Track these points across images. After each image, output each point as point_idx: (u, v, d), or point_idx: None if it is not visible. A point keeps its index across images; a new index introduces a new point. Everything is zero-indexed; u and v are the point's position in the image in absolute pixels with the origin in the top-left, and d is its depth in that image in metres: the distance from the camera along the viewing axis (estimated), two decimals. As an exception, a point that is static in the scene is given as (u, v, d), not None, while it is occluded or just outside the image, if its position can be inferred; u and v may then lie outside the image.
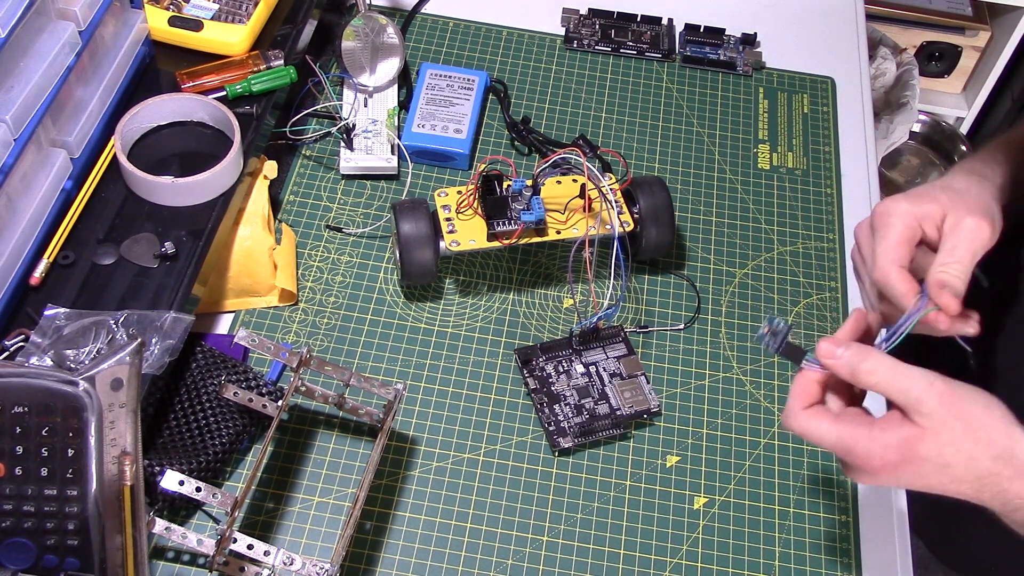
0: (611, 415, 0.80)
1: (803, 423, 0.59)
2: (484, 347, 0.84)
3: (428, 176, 0.95)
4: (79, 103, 0.79)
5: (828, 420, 0.59)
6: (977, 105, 1.95)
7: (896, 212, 0.64)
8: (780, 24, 1.13)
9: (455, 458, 0.78)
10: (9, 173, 0.70)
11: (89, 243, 0.77)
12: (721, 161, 1.00)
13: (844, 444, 0.58)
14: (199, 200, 0.80)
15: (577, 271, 0.88)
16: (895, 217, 0.63)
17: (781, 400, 0.83)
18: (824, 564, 0.75)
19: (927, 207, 0.63)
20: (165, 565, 0.71)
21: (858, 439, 0.57)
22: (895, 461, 0.56)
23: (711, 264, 0.92)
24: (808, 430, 0.59)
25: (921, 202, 0.64)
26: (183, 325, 0.72)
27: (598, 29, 1.09)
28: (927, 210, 0.63)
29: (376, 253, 0.89)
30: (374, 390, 0.72)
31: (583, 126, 1.01)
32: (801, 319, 0.88)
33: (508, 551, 0.74)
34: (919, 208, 0.63)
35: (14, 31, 0.68)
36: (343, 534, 0.67)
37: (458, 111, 0.97)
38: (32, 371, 0.62)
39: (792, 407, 0.60)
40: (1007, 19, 1.84)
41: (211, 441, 0.73)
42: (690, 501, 0.77)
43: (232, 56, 0.90)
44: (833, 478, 0.79)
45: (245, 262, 0.83)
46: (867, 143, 1.03)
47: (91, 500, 0.61)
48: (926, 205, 0.63)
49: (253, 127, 0.86)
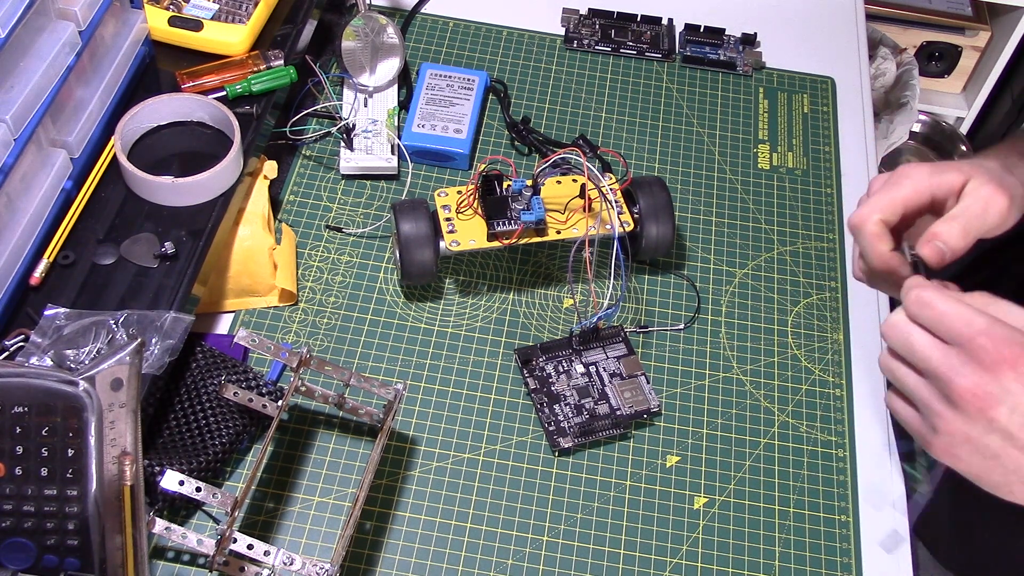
0: (611, 415, 0.80)
1: (925, 293, 0.55)
2: (484, 347, 0.84)
3: (428, 176, 0.95)
4: (79, 103, 0.79)
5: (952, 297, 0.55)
6: (977, 105, 1.95)
7: (911, 175, 0.63)
8: (780, 24, 1.13)
9: (455, 458, 0.78)
10: (9, 173, 0.70)
11: (89, 243, 0.77)
12: (721, 161, 1.00)
13: (970, 326, 0.53)
14: (199, 200, 0.80)
15: (577, 271, 0.88)
16: (908, 179, 0.63)
17: (781, 400, 0.83)
18: (824, 564, 0.75)
19: (948, 176, 0.63)
20: (165, 565, 0.71)
21: (988, 322, 0.53)
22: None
23: (711, 264, 0.92)
24: (928, 302, 0.55)
25: (942, 171, 0.63)
26: (183, 325, 0.72)
27: (598, 29, 1.09)
28: (947, 179, 0.63)
29: (376, 253, 0.89)
30: (374, 390, 0.72)
31: (583, 126, 1.01)
32: (801, 319, 0.88)
33: (508, 551, 0.74)
34: (937, 177, 0.63)
35: (14, 31, 0.68)
36: (343, 534, 0.67)
37: (458, 111, 0.97)
38: (32, 371, 0.62)
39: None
40: (1007, 19, 1.84)
41: (211, 441, 0.73)
42: (690, 501, 0.77)
43: (232, 56, 0.90)
44: (833, 478, 0.79)
45: (245, 262, 0.83)
46: (867, 143, 1.03)
47: (91, 500, 0.61)
48: (947, 174, 0.63)
49: (253, 127, 0.86)
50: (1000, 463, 0.55)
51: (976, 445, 0.55)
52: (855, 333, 0.88)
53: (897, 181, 0.63)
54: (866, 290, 0.91)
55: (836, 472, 0.80)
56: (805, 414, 0.83)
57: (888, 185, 0.64)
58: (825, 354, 0.86)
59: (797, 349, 0.86)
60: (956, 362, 0.54)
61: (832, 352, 0.86)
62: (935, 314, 0.55)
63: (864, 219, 0.63)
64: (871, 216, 0.62)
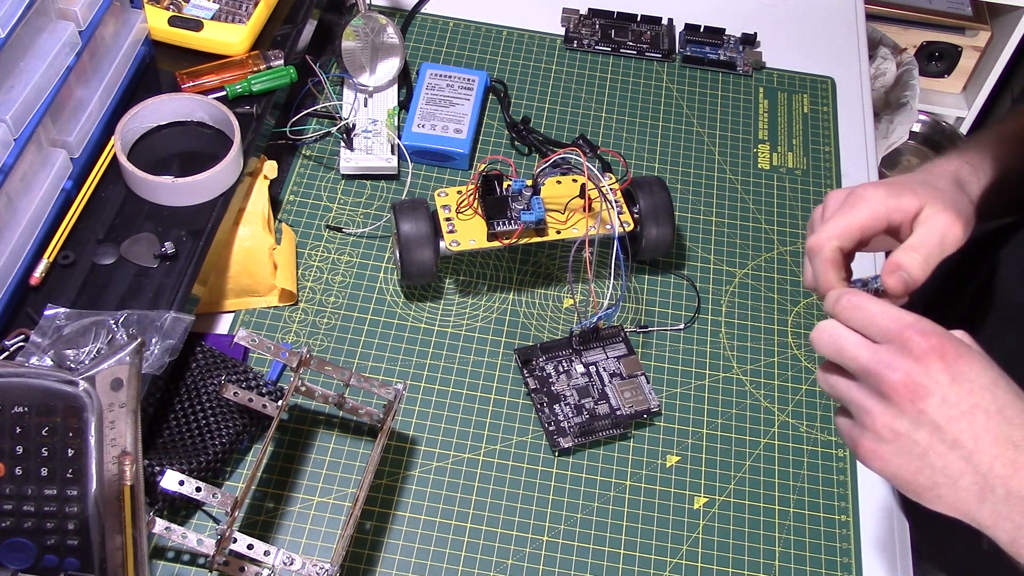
0: (611, 415, 0.80)
1: (854, 298, 0.56)
2: (484, 347, 0.84)
3: (428, 176, 0.95)
4: (79, 103, 0.79)
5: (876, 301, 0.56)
6: (977, 105, 1.95)
7: (869, 198, 0.64)
8: (780, 24, 1.13)
9: (455, 458, 0.78)
10: (9, 173, 0.70)
11: (89, 243, 0.77)
12: (721, 161, 1.00)
13: (899, 321, 0.54)
14: (199, 200, 0.80)
15: (577, 271, 0.88)
16: (866, 202, 0.63)
17: (781, 400, 0.83)
18: (824, 564, 0.75)
19: (904, 199, 0.63)
20: (165, 565, 0.71)
21: (917, 318, 0.54)
22: (944, 352, 0.53)
23: (711, 264, 0.92)
24: (859, 304, 0.56)
25: (900, 193, 0.64)
26: (183, 325, 0.72)
27: (598, 29, 1.09)
28: (903, 202, 0.63)
29: (376, 253, 0.89)
30: (374, 390, 0.72)
31: (583, 126, 1.01)
32: (801, 319, 0.88)
33: (508, 551, 0.74)
34: (895, 200, 0.63)
35: (14, 31, 0.68)
36: (343, 534, 0.67)
37: (458, 111, 0.97)
38: (32, 371, 0.62)
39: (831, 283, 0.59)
40: (1007, 19, 1.84)
41: (211, 441, 0.73)
42: (690, 501, 0.77)
43: (232, 56, 0.90)
44: (833, 478, 0.79)
45: (245, 262, 0.83)
46: (867, 143, 1.03)
47: (91, 500, 0.61)
48: (904, 197, 0.63)
49: (253, 127, 0.86)
50: (928, 462, 0.54)
51: (904, 443, 0.54)
52: (855, 333, 0.88)
53: (854, 203, 0.64)
54: (866, 290, 0.91)
55: (836, 472, 0.80)
56: (805, 414, 0.83)
57: (846, 207, 0.64)
58: (825, 354, 0.86)
59: (797, 349, 0.86)
60: (886, 356, 0.54)
61: (832, 352, 0.86)
62: (866, 315, 0.56)
63: (821, 245, 0.63)
64: (829, 243, 0.63)
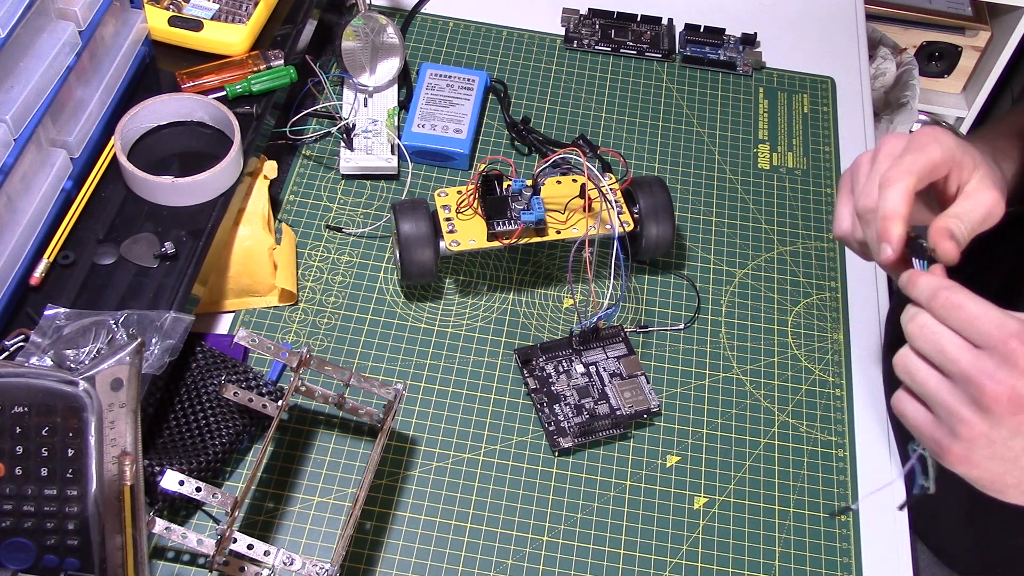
0: (611, 415, 0.80)
1: (956, 295, 0.53)
2: (484, 347, 0.84)
3: (428, 176, 0.95)
4: (79, 103, 0.79)
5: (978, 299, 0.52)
6: (977, 105, 1.95)
7: (941, 140, 0.59)
8: (780, 24, 1.13)
9: (455, 458, 0.78)
10: (9, 173, 0.70)
11: (89, 243, 0.77)
12: (721, 161, 1.00)
13: (1003, 328, 0.51)
14: (199, 200, 0.80)
15: (577, 271, 0.88)
16: (938, 144, 0.59)
17: (781, 400, 0.83)
18: (824, 564, 0.75)
19: (968, 158, 0.60)
20: (165, 565, 0.71)
21: (1021, 325, 0.50)
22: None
23: (711, 264, 0.92)
24: (960, 304, 0.52)
25: (965, 150, 0.60)
26: (183, 325, 0.72)
27: (598, 29, 1.09)
28: (966, 160, 0.59)
29: (376, 253, 0.89)
30: (374, 390, 0.72)
31: (583, 126, 1.01)
32: (801, 319, 0.88)
33: (508, 551, 0.74)
34: (960, 154, 0.59)
35: (14, 31, 0.68)
36: (343, 534, 0.67)
37: (458, 111, 0.97)
38: (32, 371, 0.62)
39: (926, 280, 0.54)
40: (1007, 19, 1.84)
41: (211, 441, 0.73)
42: (690, 501, 0.77)
43: (232, 56, 0.90)
44: (833, 478, 0.79)
45: (245, 262, 0.83)
46: (867, 143, 1.03)
47: (91, 500, 0.61)
48: (968, 156, 0.60)
49: (253, 127, 0.86)
50: (1019, 465, 0.53)
51: (996, 449, 0.53)
52: (855, 333, 0.88)
53: (925, 144, 0.58)
54: (866, 290, 0.91)
55: (836, 472, 0.80)
56: (805, 414, 0.83)
57: (916, 149, 0.58)
58: (825, 354, 0.86)
59: (797, 349, 0.86)
60: (989, 366, 0.52)
61: (832, 352, 0.86)
62: (967, 316, 0.53)
63: (893, 180, 0.56)
64: (904, 177, 0.56)
